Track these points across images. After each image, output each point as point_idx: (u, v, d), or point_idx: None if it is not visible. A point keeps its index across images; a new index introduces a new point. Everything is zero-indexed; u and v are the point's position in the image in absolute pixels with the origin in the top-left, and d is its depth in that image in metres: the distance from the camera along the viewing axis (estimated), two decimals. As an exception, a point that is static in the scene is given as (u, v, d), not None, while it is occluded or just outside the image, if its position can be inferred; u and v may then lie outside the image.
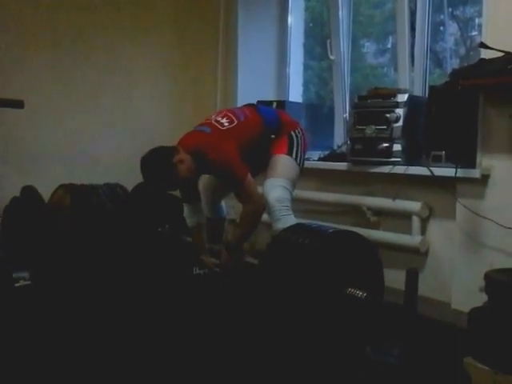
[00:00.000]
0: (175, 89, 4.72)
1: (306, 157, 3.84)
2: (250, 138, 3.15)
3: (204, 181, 3.49)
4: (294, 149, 3.19)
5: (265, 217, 3.21)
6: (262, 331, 2.39)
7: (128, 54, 4.52)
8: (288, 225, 2.83)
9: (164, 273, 3.14)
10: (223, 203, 3.64)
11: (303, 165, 3.28)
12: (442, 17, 3.75)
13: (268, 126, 3.23)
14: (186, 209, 3.37)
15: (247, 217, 3.13)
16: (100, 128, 4.36)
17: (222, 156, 3.00)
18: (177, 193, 3.79)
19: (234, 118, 3.15)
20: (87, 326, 2.53)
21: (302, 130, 3.31)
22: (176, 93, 4.70)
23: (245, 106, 3.44)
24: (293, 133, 3.23)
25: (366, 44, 4.54)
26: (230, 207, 3.92)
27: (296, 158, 3.18)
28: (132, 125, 4.42)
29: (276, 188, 3.05)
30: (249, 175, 3.04)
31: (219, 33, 4.73)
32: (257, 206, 3.08)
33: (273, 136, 3.23)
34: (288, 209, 3.04)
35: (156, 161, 3.03)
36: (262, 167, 3.22)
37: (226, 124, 3.11)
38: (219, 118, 3.16)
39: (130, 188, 3.90)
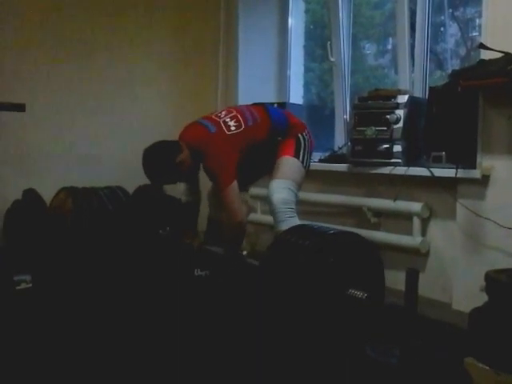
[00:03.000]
0: (177, 91, 4.73)
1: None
2: (255, 142, 3.16)
3: (187, 188, 3.55)
4: (301, 151, 3.18)
5: (266, 218, 3.21)
6: (264, 332, 2.39)
7: (129, 57, 4.53)
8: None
9: (165, 275, 3.14)
10: None
11: (309, 168, 3.27)
12: (442, 17, 3.75)
13: (275, 129, 3.22)
14: (183, 187, 3.50)
15: (225, 225, 3.17)
16: (101, 130, 4.37)
17: (215, 160, 3.05)
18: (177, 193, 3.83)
19: (242, 122, 3.15)
20: (88, 328, 2.53)
21: (308, 132, 3.30)
22: (177, 95, 4.71)
23: (255, 105, 3.41)
24: (300, 135, 3.23)
25: (367, 45, 4.55)
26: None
27: (302, 161, 3.18)
28: (133, 127, 4.43)
29: (281, 190, 3.05)
30: (232, 185, 3.04)
31: (220, 35, 4.75)
32: (231, 217, 3.09)
33: (279, 138, 3.23)
34: (292, 211, 3.05)
35: (159, 159, 3.09)
36: (267, 168, 3.22)
37: (233, 128, 3.11)
38: (227, 120, 3.15)
39: (131, 190, 3.90)
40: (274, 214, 3.06)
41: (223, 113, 3.24)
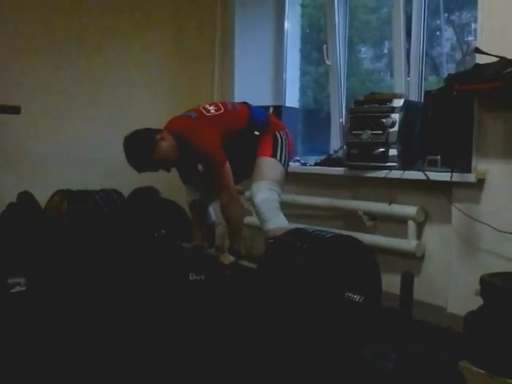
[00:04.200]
0: (173, 94, 4.72)
1: (303, 161, 3.87)
2: (233, 127, 3.18)
3: (188, 188, 3.54)
4: (279, 150, 3.20)
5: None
6: (260, 335, 2.38)
7: (126, 60, 4.53)
8: (278, 225, 2.88)
9: (160, 278, 3.14)
10: (211, 208, 3.66)
11: (288, 165, 3.29)
12: (438, 22, 3.76)
13: (254, 121, 3.25)
14: (185, 188, 3.52)
15: (227, 207, 3.15)
16: (97, 134, 4.36)
17: (202, 140, 3.07)
18: (174, 197, 3.82)
19: (221, 107, 3.23)
20: (83, 331, 2.52)
21: (287, 132, 3.32)
22: (174, 98, 4.70)
23: (238, 102, 3.50)
24: (278, 133, 3.25)
25: (363, 49, 4.55)
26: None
27: (281, 160, 3.19)
28: (128, 130, 4.41)
29: (262, 190, 3.07)
30: (227, 164, 3.08)
31: (216, 39, 4.75)
32: (231, 195, 3.13)
33: (257, 133, 3.24)
34: (277, 209, 3.06)
35: (137, 137, 3.15)
36: (246, 168, 3.23)
37: (212, 111, 3.19)
38: (207, 106, 3.25)
39: (126, 193, 3.90)
40: (258, 215, 3.09)
41: (203, 104, 3.32)
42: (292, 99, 4.72)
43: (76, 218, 3.57)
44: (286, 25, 4.70)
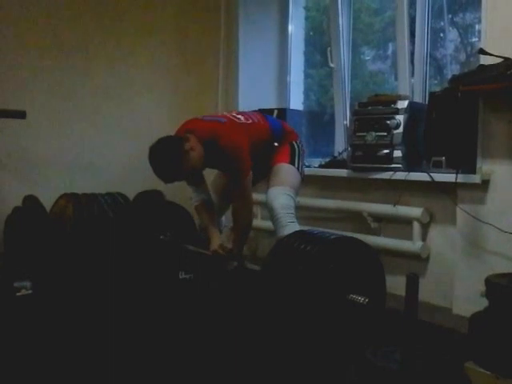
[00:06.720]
0: (176, 98, 4.73)
1: (307, 164, 3.88)
2: (259, 140, 3.18)
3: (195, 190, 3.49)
4: (296, 158, 3.23)
5: (266, 224, 3.20)
6: (264, 336, 2.39)
7: (129, 64, 4.54)
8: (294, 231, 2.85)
9: (166, 280, 3.14)
10: (223, 218, 3.66)
11: (304, 174, 3.31)
12: (442, 23, 3.76)
13: (273, 134, 3.27)
14: (191, 189, 3.33)
15: (239, 212, 3.13)
16: (101, 137, 4.37)
17: (233, 144, 3.00)
18: (179, 200, 3.82)
19: (248, 118, 3.22)
20: (88, 334, 2.53)
21: (301, 141, 3.37)
22: (177, 102, 4.72)
23: (253, 111, 3.49)
24: (294, 143, 3.29)
25: (367, 51, 4.55)
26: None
27: (298, 168, 3.22)
28: (133, 134, 4.44)
29: (280, 196, 3.06)
30: (250, 175, 3.06)
31: (220, 41, 4.75)
32: (247, 203, 3.11)
33: (276, 144, 3.27)
34: (293, 216, 3.06)
35: (166, 149, 2.96)
36: (262, 174, 3.24)
37: (243, 119, 3.18)
38: (235, 114, 3.25)
39: (131, 196, 3.90)
40: (275, 221, 3.06)
41: (228, 113, 3.31)
42: (296, 102, 4.73)
43: (81, 221, 3.57)
44: (290, 28, 4.71)
